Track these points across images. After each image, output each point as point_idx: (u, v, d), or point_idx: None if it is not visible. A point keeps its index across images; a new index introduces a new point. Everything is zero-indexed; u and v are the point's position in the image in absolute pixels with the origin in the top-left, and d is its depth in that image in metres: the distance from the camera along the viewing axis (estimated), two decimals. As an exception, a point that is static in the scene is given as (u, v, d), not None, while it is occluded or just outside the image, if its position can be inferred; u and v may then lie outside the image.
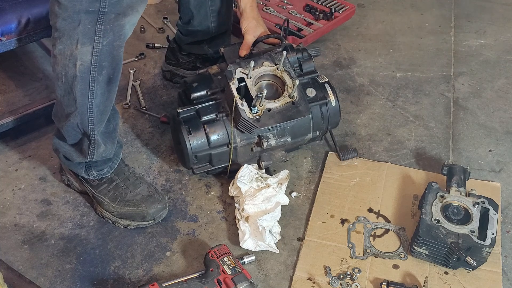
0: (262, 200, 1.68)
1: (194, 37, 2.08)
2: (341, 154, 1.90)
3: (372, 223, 1.72)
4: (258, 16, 1.89)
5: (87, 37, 1.42)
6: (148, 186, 1.74)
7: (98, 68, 1.46)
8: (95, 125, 1.56)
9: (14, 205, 1.78)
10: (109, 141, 1.64)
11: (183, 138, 1.70)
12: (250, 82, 1.69)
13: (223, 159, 1.76)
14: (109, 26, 1.42)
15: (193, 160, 1.74)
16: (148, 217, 1.69)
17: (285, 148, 1.82)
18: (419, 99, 2.19)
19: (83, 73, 1.46)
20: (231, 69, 1.70)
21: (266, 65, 1.73)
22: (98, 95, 1.51)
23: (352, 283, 1.56)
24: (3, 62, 2.22)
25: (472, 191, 1.67)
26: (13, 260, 1.62)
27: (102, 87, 1.50)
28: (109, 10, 1.39)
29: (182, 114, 1.73)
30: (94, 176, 1.71)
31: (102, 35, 1.42)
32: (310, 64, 1.83)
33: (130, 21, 1.45)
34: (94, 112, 1.53)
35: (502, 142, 2.01)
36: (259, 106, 1.66)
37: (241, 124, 1.67)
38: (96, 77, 1.48)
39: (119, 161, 1.74)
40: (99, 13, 1.39)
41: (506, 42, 2.50)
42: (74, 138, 1.62)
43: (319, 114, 1.81)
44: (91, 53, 1.44)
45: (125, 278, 1.59)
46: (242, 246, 1.62)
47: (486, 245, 1.53)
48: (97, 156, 1.64)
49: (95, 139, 1.58)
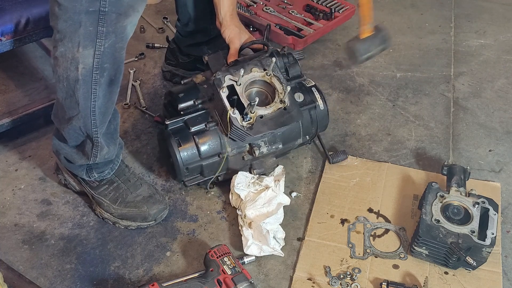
0: (263, 203, 1.67)
1: (193, 39, 2.07)
2: (330, 158, 1.89)
3: (372, 223, 1.72)
4: (239, 23, 1.88)
5: (89, 39, 1.41)
6: (148, 186, 1.74)
7: (100, 71, 1.45)
8: (98, 127, 1.55)
9: (14, 205, 1.78)
10: (111, 143, 1.64)
11: (173, 151, 1.68)
12: (240, 89, 1.67)
13: (215, 169, 1.74)
14: (111, 28, 1.40)
15: (185, 173, 1.71)
16: (150, 218, 1.69)
17: (275, 155, 1.81)
18: (419, 99, 2.20)
19: (86, 76, 1.45)
20: (219, 77, 1.67)
21: (255, 71, 1.71)
22: (100, 97, 1.50)
23: (352, 283, 1.56)
24: (3, 62, 2.22)
25: (472, 191, 1.67)
26: (13, 260, 1.62)
27: (104, 89, 1.49)
28: (109, 10, 1.38)
29: (171, 126, 1.70)
30: (95, 178, 1.70)
31: (104, 37, 1.41)
32: (296, 68, 1.83)
33: (132, 21, 1.44)
34: (96, 115, 1.52)
35: (502, 142, 2.01)
36: (251, 113, 1.64)
37: (233, 132, 1.65)
38: (98, 80, 1.47)
39: (119, 162, 1.74)
40: (100, 14, 1.38)
41: (506, 42, 2.50)
42: (76, 140, 1.61)
43: (308, 119, 1.81)
44: (93, 56, 1.43)
45: (125, 278, 1.59)
46: (246, 252, 1.61)
47: (486, 245, 1.53)
48: (100, 158, 1.63)
49: (98, 141, 1.57)
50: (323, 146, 1.93)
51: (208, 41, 2.07)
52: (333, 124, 2.05)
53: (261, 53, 1.80)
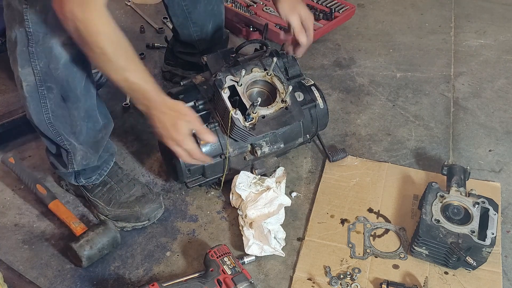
0: (265, 204, 1.67)
1: (185, 48, 2.07)
2: (330, 156, 1.89)
3: (372, 223, 1.72)
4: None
5: (25, 59, 1.40)
6: (142, 186, 1.73)
7: (46, 88, 1.44)
8: (63, 136, 1.54)
9: (14, 205, 1.78)
10: (92, 150, 1.62)
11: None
12: (241, 90, 1.66)
13: (216, 170, 1.74)
14: (40, 49, 1.38)
15: (187, 174, 1.71)
16: (142, 218, 1.69)
17: (276, 154, 1.81)
18: (419, 99, 2.20)
19: (31, 93, 1.45)
20: (220, 77, 1.66)
21: (256, 71, 1.70)
22: (55, 110, 1.49)
23: (352, 283, 1.56)
24: (3, 62, 2.22)
25: (472, 191, 1.67)
26: (13, 260, 1.62)
27: (58, 103, 1.48)
28: (34, 30, 1.35)
29: None
30: (83, 183, 1.70)
31: (36, 58, 1.39)
32: (295, 68, 1.82)
33: (59, 42, 1.38)
34: (56, 126, 1.52)
35: (502, 142, 2.01)
36: (253, 113, 1.63)
37: (236, 133, 1.65)
38: (47, 95, 1.46)
39: (109, 168, 1.72)
40: (27, 33, 1.36)
41: (506, 42, 2.50)
42: (52, 148, 1.63)
43: (308, 118, 1.81)
44: (33, 74, 1.42)
45: (125, 278, 1.59)
46: (247, 252, 1.61)
47: (486, 245, 1.53)
48: (78, 165, 1.62)
49: (69, 149, 1.58)
50: (322, 144, 1.93)
51: (202, 51, 2.02)
52: (333, 124, 2.06)
53: (260, 53, 1.80)
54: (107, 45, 1.30)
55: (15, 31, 1.38)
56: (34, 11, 1.34)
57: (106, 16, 1.29)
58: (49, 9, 1.31)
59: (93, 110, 1.56)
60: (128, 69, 1.38)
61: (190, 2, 1.91)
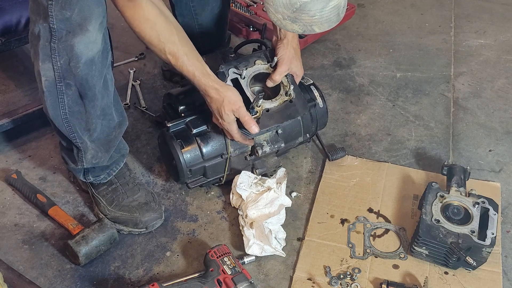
0: (265, 204, 1.67)
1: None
2: (329, 155, 1.89)
3: (372, 223, 1.72)
4: (297, 46, 1.74)
5: (46, 54, 1.41)
6: (146, 193, 1.73)
7: (65, 84, 1.45)
8: (77, 133, 1.54)
9: (14, 205, 1.78)
10: (104, 150, 1.63)
11: (176, 153, 1.66)
12: (244, 83, 1.66)
13: (218, 170, 1.74)
14: (62, 46, 1.39)
15: (188, 175, 1.71)
16: (141, 225, 1.68)
17: (277, 154, 1.81)
18: (419, 99, 2.20)
19: (49, 88, 1.46)
20: (223, 70, 1.66)
21: (259, 63, 1.70)
22: (72, 106, 1.49)
23: (352, 283, 1.56)
24: (3, 62, 2.23)
25: (472, 191, 1.67)
26: (13, 260, 1.62)
27: (75, 100, 1.48)
28: (58, 26, 1.36)
29: (172, 128, 1.69)
30: (91, 181, 1.70)
31: (58, 54, 1.40)
32: None
33: (81, 40, 1.39)
34: (71, 122, 1.52)
35: (502, 142, 2.01)
36: (257, 107, 1.64)
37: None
38: (65, 91, 1.46)
39: (118, 169, 1.72)
40: (51, 29, 1.37)
41: (506, 42, 2.50)
42: (65, 143, 1.63)
43: (308, 117, 1.81)
44: (53, 70, 1.43)
45: (125, 278, 1.59)
46: (247, 252, 1.61)
47: (486, 245, 1.53)
48: (87, 163, 1.63)
49: (81, 146, 1.58)
50: (322, 144, 1.93)
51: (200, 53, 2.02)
52: (333, 124, 2.06)
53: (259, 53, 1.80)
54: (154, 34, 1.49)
55: (39, 26, 1.38)
56: (59, 8, 1.34)
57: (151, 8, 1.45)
58: (74, 7, 1.33)
59: (109, 108, 1.57)
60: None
61: (199, 4, 1.91)
